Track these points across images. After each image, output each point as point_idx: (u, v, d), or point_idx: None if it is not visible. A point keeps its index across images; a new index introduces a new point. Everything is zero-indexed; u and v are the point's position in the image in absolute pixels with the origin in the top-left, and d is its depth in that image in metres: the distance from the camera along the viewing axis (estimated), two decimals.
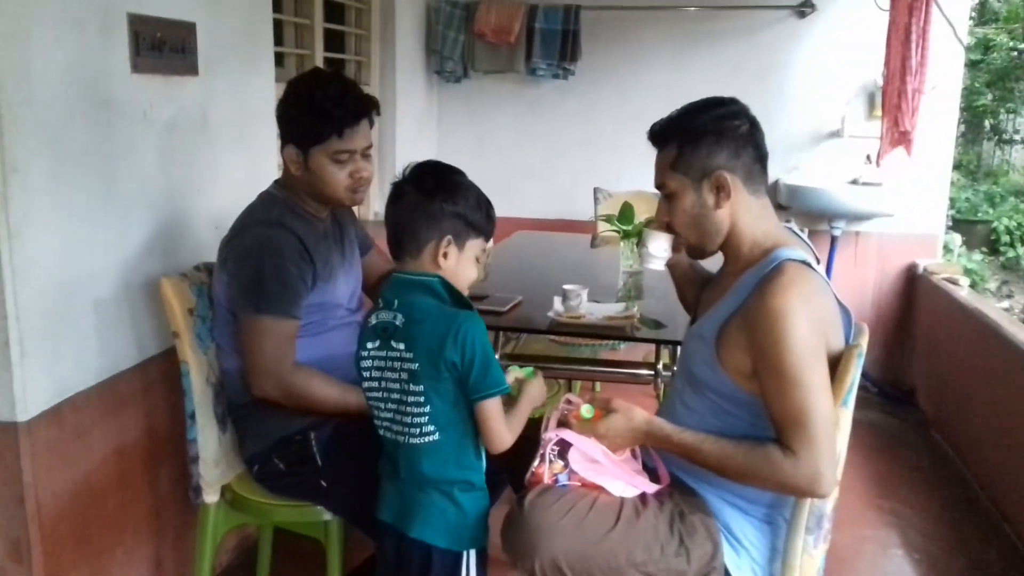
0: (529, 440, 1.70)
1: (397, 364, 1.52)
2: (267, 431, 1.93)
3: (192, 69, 2.19)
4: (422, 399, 1.51)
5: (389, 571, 1.62)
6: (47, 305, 1.77)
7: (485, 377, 1.51)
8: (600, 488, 1.61)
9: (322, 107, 1.84)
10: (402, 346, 1.51)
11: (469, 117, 4.45)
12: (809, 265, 1.54)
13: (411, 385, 1.51)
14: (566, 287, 2.32)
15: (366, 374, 1.57)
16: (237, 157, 2.41)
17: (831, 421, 1.47)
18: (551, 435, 1.61)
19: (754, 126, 1.61)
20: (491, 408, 1.54)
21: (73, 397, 1.86)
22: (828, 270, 4.10)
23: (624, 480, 1.61)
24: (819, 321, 1.49)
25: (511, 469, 1.84)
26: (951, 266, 4.16)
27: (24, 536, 1.77)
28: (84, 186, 1.85)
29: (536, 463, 1.62)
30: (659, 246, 2.07)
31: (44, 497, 1.79)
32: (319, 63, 3.16)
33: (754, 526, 1.63)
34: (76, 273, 1.85)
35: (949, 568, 2.69)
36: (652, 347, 2.42)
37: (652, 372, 2.39)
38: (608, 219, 2.99)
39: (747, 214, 1.61)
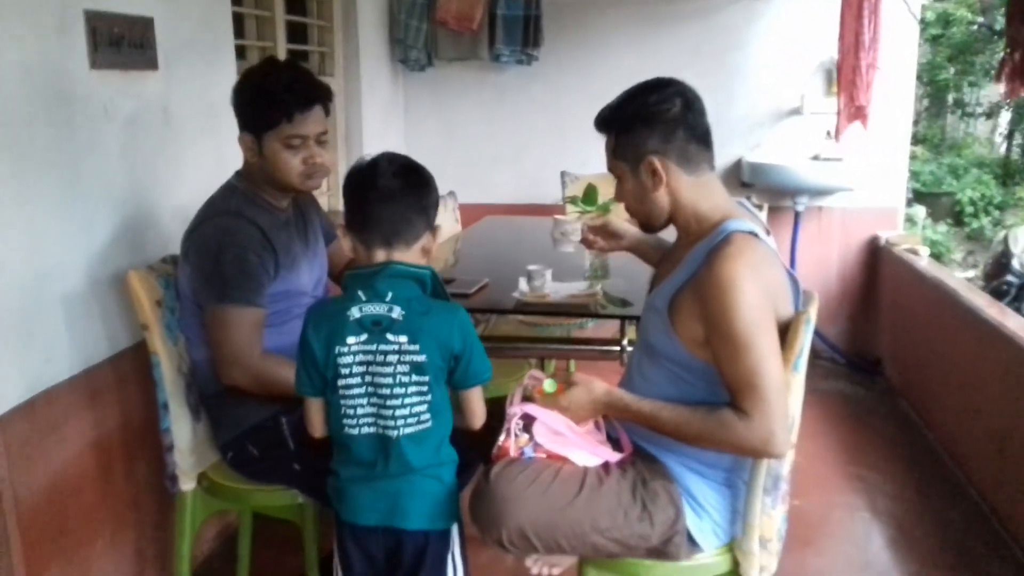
0: (497, 417, 1.75)
1: (394, 357, 1.51)
2: (239, 418, 1.96)
3: (151, 64, 2.20)
4: (426, 388, 1.53)
5: (374, 569, 1.62)
6: (15, 302, 1.79)
7: (480, 365, 1.58)
8: (564, 459, 1.66)
9: (272, 93, 1.87)
10: (403, 338, 1.50)
11: (435, 105, 4.47)
12: (756, 236, 1.59)
13: (414, 376, 1.51)
14: (530, 267, 2.36)
15: (345, 370, 1.53)
16: (201, 150, 2.42)
17: (782, 384, 1.53)
18: (515, 409, 1.66)
19: (687, 107, 1.63)
20: (478, 393, 1.62)
21: (46, 391, 1.89)
22: (793, 245, 4.18)
23: (587, 450, 1.66)
24: (767, 288, 1.54)
25: (480, 446, 1.89)
26: (912, 237, 4.25)
27: (2, 530, 1.79)
28: (47, 183, 1.87)
29: (502, 437, 1.67)
30: (569, 228, 2.19)
31: (21, 491, 1.82)
32: (282, 55, 3.17)
33: (714, 490, 1.68)
34: (43, 269, 1.87)
35: (914, 529, 2.77)
36: (618, 324, 2.46)
37: (619, 348, 2.44)
38: (573, 200, 3.03)
39: (687, 192, 1.65)
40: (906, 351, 3.88)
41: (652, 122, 1.62)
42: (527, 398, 1.70)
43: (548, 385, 1.67)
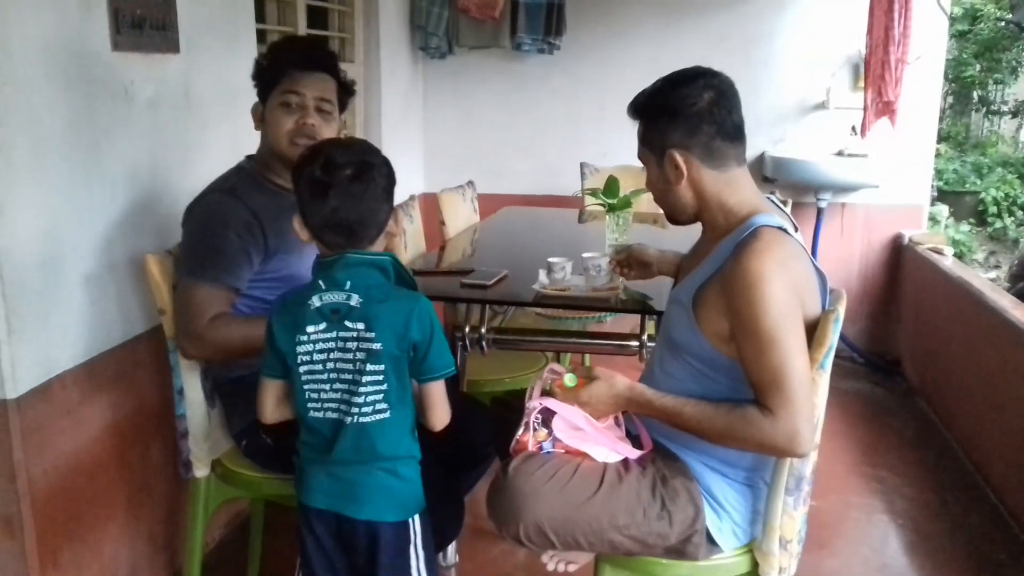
0: (515, 411, 1.72)
1: (352, 344, 1.50)
2: (253, 407, 1.93)
3: (173, 46, 2.19)
4: (381, 378, 1.51)
5: (325, 556, 1.60)
6: (33, 283, 1.78)
7: (440, 358, 1.54)
8: (583, 455, 1.63)
9: (276, 53, 1.91)
10: (361, 326, 1.50)
11: (455, 93, 4.44)
12: (785, 231, 1.55)
13: (369, 364, 1.50)
14: (551, 260, 2.33)
15: (305, 358, 1.52)
16: (220, 133, 2.41)
17: (808, 381, 1.50)
18: (535, 404, 1.63)
19: (716, 102, 1.58)
20: (439, 388, 1.58)
21: (62, 374, 1.88)
22: (814, 242, 4.13)
23: (607, 446, 1.64)
24: (794, 285, 1.51)
25: (497, 441, 1.87)
26: (936, 236, 4.19)
27: (16, 512, 1.79)
28: (67, 164, 1.86)
29: (520, 431, 1.65)
30: (599, 262, 2.28)
31: (35, 473, 1.81)
32: None
33: (735, 489, 1.66)
34: (61, 251, 1.86)
35: (932, 532, 2.73)
36: (638, 319, 2.43)
37: (638, 344, 2.41)
38: (594, 193, 3.00)
39: (712, 187, 1.62)
40: (927, 351, 3.83)
41: (677, 116, 1.59)
42: (546, 392, 1.68)
43: (569, 380, 1.64)
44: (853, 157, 4.01)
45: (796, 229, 1.65)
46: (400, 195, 3.31)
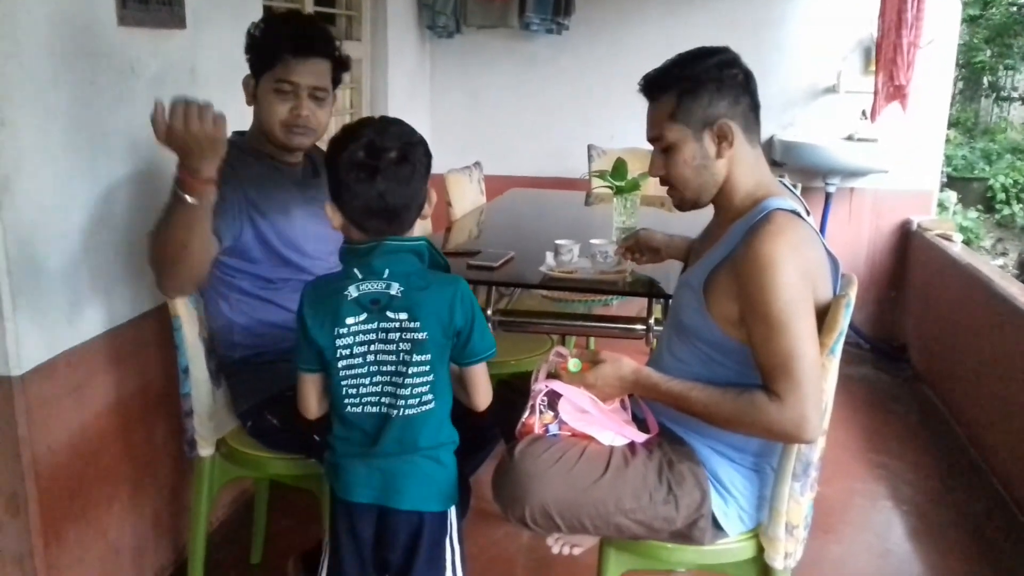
0: (521, 393, 1.71)
1: (395, 335, 1.46)
2: (258, 387, 1.94)
3: (179, 22, 2.16)
4: (427, 368, 1.47)
5: (359, 551, 1.57)
6: (39, 259, 1.77)
7: (482, 340, 1.52)
8: (590, 438, 1.63)
9: (272, 34, 1.86)
10: (404, 316, 1.45)
11: (462, 74, 4.41)
12: (798, 215, 1.54)
13: (415, 355, 1.46)
14: (558, 242, 2.32)
15: (345, 351, 1.47)
16: (226, 110, 2.35)
17: (817, 367, 1.49)
18: (541, 386, 1.62)
19: (748, 75, 1.61)
20: (482, 369, 1.56)
21: (67, 352, 1.87)
22: (823, 226, 4.11)
23: (613, 430, 1.63)
24: (807, 270, 1.49)
25: (503, 423, 1.86)
26: (945, 222, 4.17)
27: (20, 490, 1.78)
28: (73, 140, 1.84)
29: (526, 414, 1.64)
30: (606, 249, 2.26)
31: (40, 451, 1.81)
32: None
33: (742, 474, 1.65)
34: (67, 227, 1.85)
35: (936, 519, 2.73)
36: (645, 302, 2.42)
37: (644, 327, 2.40)
38: (601, 175, 2.98)
39: (743, 163, 1.61)
40: (934, 337, 3.82)
41: (723, 85, 1.56)
42: (552, 375, 1.67)
43: (573, 365, 1.63)
44: (863, 142, 3.98)
45: (808, 213, 1.64)
46: None
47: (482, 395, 1.57)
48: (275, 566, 2.31)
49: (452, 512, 1.59)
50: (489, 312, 2.45)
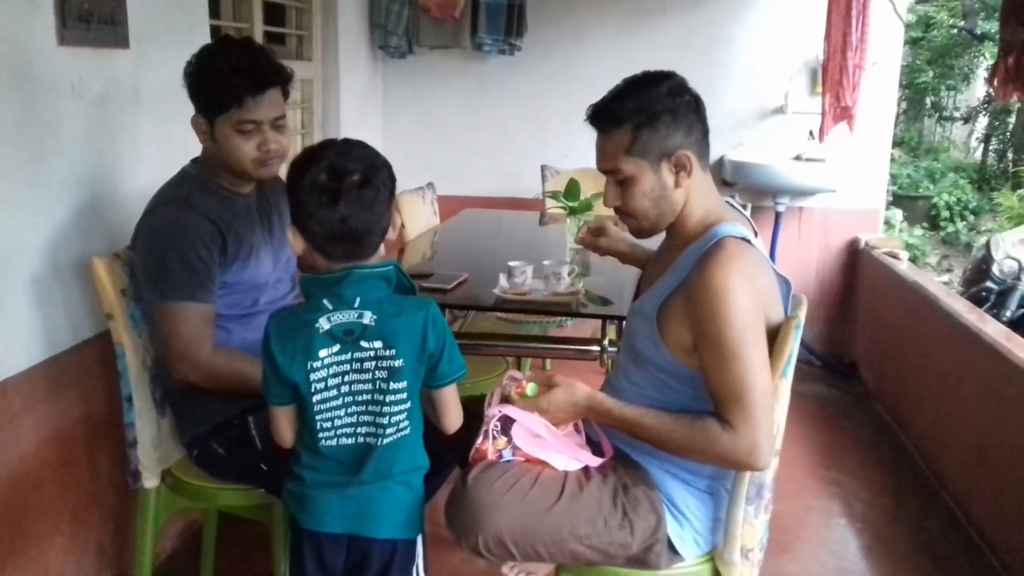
0: (475, 417, 1.69)
1: (371, 364, 1.43)
2: (204, 415, 1.89)
3: (122, 42, 2.12)
4: (404, 395, 1.45)
5: None
6: None
7: (453, 361, 1.50)
8: (543, 463, 1.61)
9: (222, 75, 1.78)
10: (379, 344, 1.42)
11: (415, 94, 4.39)
12: (748, 241, 1.54)
13: (392, 383, 1.43)
14: (511, 264, 2.31)
15: (319, 385, 1.43)
16: (171, 132, 2.33)
17: (769, 395, 1.49)
18: (494, 411, 1.60)
19: (698, 100, 1.59)
20: (453, 391, 1.53)
21: (3, 382, 1.81)
22: (773, 246, 4.16)
23: (567, 454, 1.61)
24: (759, 297, 1.49)
25: (457, 448, 1.84)
26: (892, 240, 4.25)
27: None
28: (10, 163, 1.78)
29: (480, 440, 1.62)
30: (560, 269, 2.26)
31: None
32: (258, 37, 3.09)
33: (696, 497, 1.64)
34: (3, 254, 1.79)
35: (890, 536, 2.75)
36: (599, 323, 2.42)
37: (599, 348, 2.39)
38: (555, 196, 2.98)
39: (699, 190, 1.59)
40: (883, 355, 3.88)
41: (677, 114, 1.53)
42: (506, 399, 1.65)
43: (530, 390, 1.61)
44: (810, 162, 4.03)
45: (756, 234, 1.64)
46: None
47: (453, 417, 1.55)
48: None
49: (419, 539, 1.56)
50: None
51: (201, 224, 1.80)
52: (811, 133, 4.01)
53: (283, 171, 1.70)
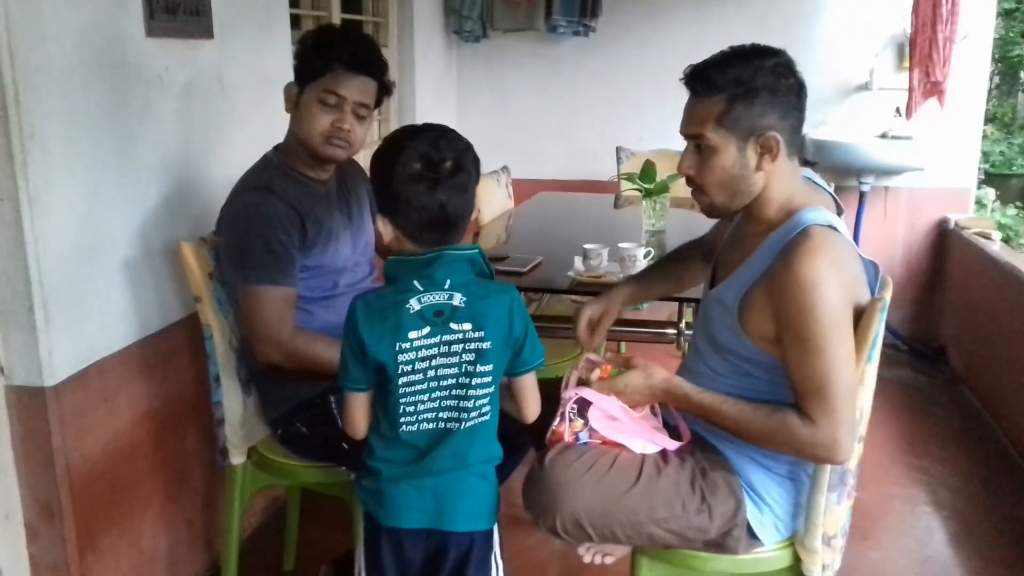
0: (550, 400, 1.69)
1: (459, 347, 1.41)
2: (288, 395, 1.94)
3: (207, 32, 2.17)
4: (490, 378, 1.44)
5: (409, 574, 1.52)
6: (69, 271, 1.78)
7: (534, 348, 1.49)
8: (620, 446, 1.60)
9: (329, 44, 1.85)
10: (468, 326, 1.40)
11: (489, 78, 4.40)
12: (834, 228, 1.48)
13: (479, 365, 1.42)
14: (586, 246, 2.30)
15: (407, 367, 1.40)
16: (254, 120, 2.40)
17: (853, 391, 1.45)
18: (570, 393, 1.60)
19: (802, 86, 1.52)
20: (533, 379, 1.52)
21: (99, 362, 1.89)
22: (856, 226, 4.05)
23: (644, 437, 1.61)
24: (847, 287, 1.44)
25: (533, 430, 1.85)
26: (983, 220, 4.08)
27: (55, 498, 1.80)
28: (102, 151, 1.86)
29: (556, 422, 1.62)
30: (634, 252, 2.24)
31: (74, 460, 1.82)
32: (336, 23, 3.13)
33: (777, 483, 1.62)
34: (97, 239, 1.86)
35: (978, 524, 2.66)
36: (675, 306, 2.39)
37: (675, 331, 2.37)
38: (630, 178, 2.96)
39: (782, 176, 1.53)
40: (973, 338, 3.74)
41: (777, 94, 1.47)
42: (582, 382, 1.64)
43: (606, 371, 1.61)
44: (897, 139, 3.91)
45: (841, 212, 1.59)
46: None
47: (532, 406, 1.54)
48: (307, 572, 2.31)
49: (495, 528, 1.56)
50: None
51: (281, 209, 1.84)
52: (898, 110, 3.87)
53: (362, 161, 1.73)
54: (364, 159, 1.92)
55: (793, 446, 1.47)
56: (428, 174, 1.38)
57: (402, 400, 1.43)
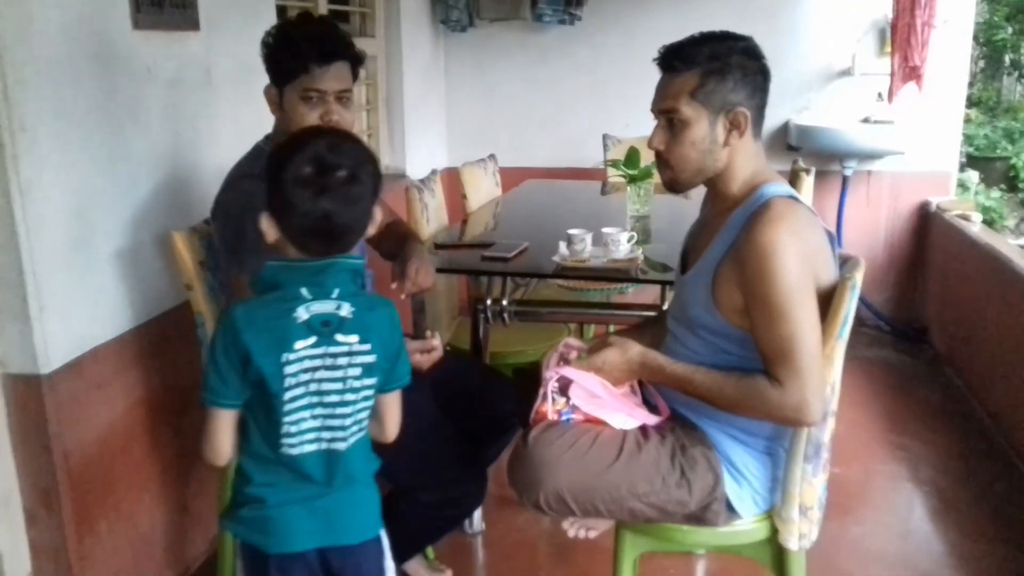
0: (537, 382, 1.74)
1: (344, 359, 1.35)
2: None
3: (193, 24, 2.21)
4: (371, 392, 1.40)
5: None
6: (62, 261, 1.82)
7: (405, 364, 1.46)
8: (602, 422, 1.65)
9: (294, 43, 1.85)
10: (355, 338, 1.35)
11: (476, 67, 4.43)
12: (796, 199, 1.55)
13: (365, 379, 1.37)
14: (571, 232, 2.34)
15: (291, 380, 1.32)
16: (241, 111, 2.43)
17: (818, 353, 1.50)
18: (551, 373, 1.65)
19: (767, 72, 1.60)
20: (398, 396, 1.48)
21: (93, 350, 1.93)
22: (840, 210, 4.10)
23: (624, 412, 1.66)
24: (807, 255, 1.50)
25: (520, 411, 1.89)
26: (964, 203, 4.14)
27: (52, 485, 1.84)
28: (91, 144, 1.89)
29: (539, 401, 1.67)
30: (617, 237, 2.25)
31: (71, 446, 1.86)
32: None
33: (755, 457, 1.67)
34: (88, 229, 1.90)
35: (957, 499, 2.73)
36: (659, 289, 2.44)
37: (658, 314, 2.42)
38: (615, 164, 3.00)
39: (746, 153, 1.61)
40: (954, 319, 3.80)
41: (747, 75, 1.56)
42: (563, 362, 1.70)
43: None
44: (879, 124, 3.96)
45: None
46: (423, 170, 3.34)
47: (394, 424, 1.49)
48: None
49: (382, 533, 1.52)
50: (505, 302, 2.49)
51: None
52: (880, 95, 3.92)
53: None
54: None
55: (764, 410, 1.53)
56: (317, 179, 1.31)
57: (284, 418, 1.34)
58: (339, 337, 1.35)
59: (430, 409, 1.97)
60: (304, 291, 1.34)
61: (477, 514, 2.46)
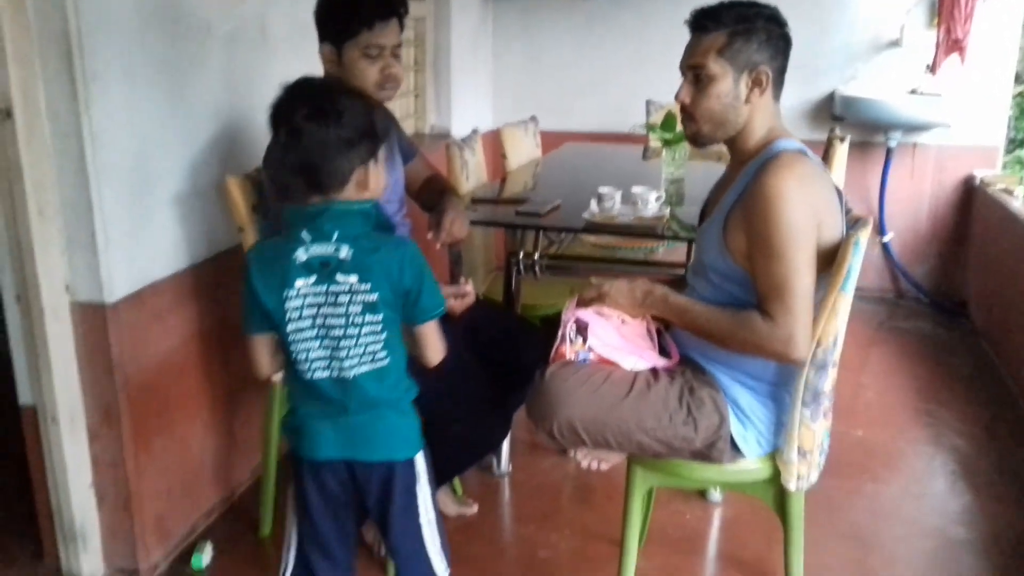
0: (558, 326, 1.86)
1: (345, 298, 1.47)
2: None
3: None
4: (380, 327, 1.49)
5: (331, 508, 1.61)
6: (126, 201, 1.98)
7: (432, 298, 1.55)
8: (615, 364, 1.77)
9: (353, 2, 1.99)
10: (354, 278, 1.46)
11: (523, 31, 4.51)
12: (805, 153, 1.65)
13: (368, 315, 1.48)
14: (600, 189, 2.44)
15: (294, 314, 1.47)
16: (294, 67, 2.53)
17: (809, 295, 1.61)
18: (568, 315, 1.78)
19: (789, 40, 1.72)
20: (433, 327, 1.58)
21: (153, 284, 2.10)
22: (883, 182, 4.11)
23: (637, 355, 1.77)
24: (812, 203, 1.60)
25: (546, 359, 2.01)
26: (1009, 177, 4.11)
27: (114, 404, 2.03)
28: (155, 95, 2.04)
29: (557, 341, 1.79)
30: (646, 196, 2.33)
31: (131, 370, 2.04)
32: None
33: (759, 402, 1.76)
34: (151, 173, 2.06)
35: (976, 464, 2.78)
36: (687, 251, 2.53)
37: (685, 270, 2.51)
38: (652, 128, 3.07)
39: (765, 111, 1.72)
40: (994, 293, 3.80)
41: (771, 39, 1.68)
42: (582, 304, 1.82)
43: None
44: (926, 96, 3.94)
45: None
46: (467, 130, 3.44)
47: (433, 351, 1.60)
48: None
49: (419, 457, 1.61)
50: (536, 256, 2.60)
51: None
52: (928, 67, 3.91)
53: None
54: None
55: (753, 342, 1.63)
56: (278, 117, 1.47)
57: (293, 347, 1.50)
58: (339, 277, 1.47)
59: (462, 351, 2.10)
60: (304, 234, 1.47)
61: (505, 456, 2.60)
